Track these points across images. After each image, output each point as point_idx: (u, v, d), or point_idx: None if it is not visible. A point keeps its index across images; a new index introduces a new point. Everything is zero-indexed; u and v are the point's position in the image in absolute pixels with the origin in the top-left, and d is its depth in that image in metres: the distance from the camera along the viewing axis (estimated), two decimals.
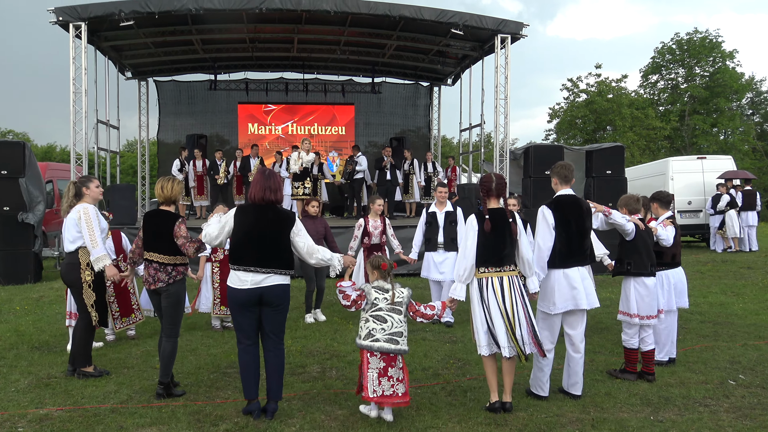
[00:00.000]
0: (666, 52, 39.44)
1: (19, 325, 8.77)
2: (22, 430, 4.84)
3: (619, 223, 5.93)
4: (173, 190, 5.78)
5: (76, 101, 13.47)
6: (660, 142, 38.13)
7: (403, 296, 5.13)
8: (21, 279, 12.27)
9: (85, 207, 6.23)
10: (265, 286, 4.94)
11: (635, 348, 6.07)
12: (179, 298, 5.69)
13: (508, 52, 14.59)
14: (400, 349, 5.00)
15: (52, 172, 17.36)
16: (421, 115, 21.29)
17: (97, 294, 6.33)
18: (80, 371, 6.27)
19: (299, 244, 5.07)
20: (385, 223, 8.99)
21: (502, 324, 5.06)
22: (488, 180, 5.32)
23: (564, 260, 5.44)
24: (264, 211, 5.05)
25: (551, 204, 5.56)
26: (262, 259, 4.96)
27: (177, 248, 5.60)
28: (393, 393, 4.94)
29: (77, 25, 13.19)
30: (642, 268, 6.07)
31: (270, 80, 20.41)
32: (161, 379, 5.62)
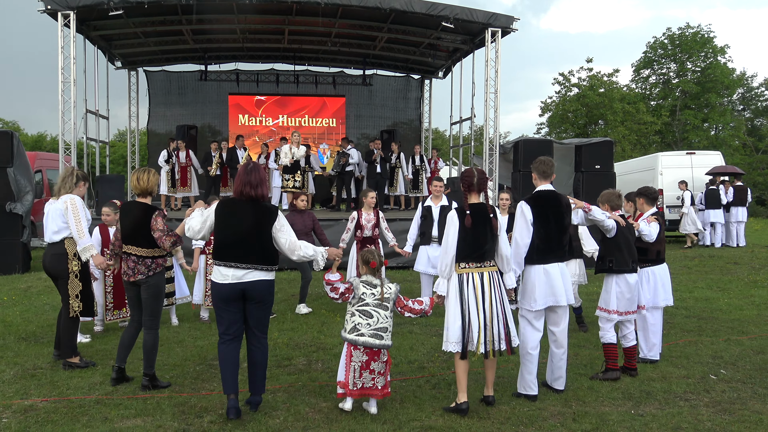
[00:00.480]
0: (658, 47, 39.57)
1: (6, 315, 8.76)
2: (7, 420, 4.84)
3: (599, 219, 5.90)
4: (149, 181, 5.73)
5: (65, 91, 13.40)
6: (651, 137, 38.29)
7: (391, 292, 5.17)
8: (9, 269, 12.25)
9: (72, 198, 6.28)
10: (246, 281, 4.90)
11: (613, 342, 6.04)
12: (159, 289, 5.70)
13: (498, 45, 14.60)
14: (384, 344, 5.06)
15: (41, 161, 17.30)
16: (412, 107, 21.29)
17: (83, 284, 6.37)
18: (66, 362, 6.28)
19: (281, 240, 5.01)
20: (378, 216, 9.01)
21: (477, 320, 5.02)
22: (470, 175, 5.29)
23: (543, 256, 5.44)
24: (245, 207, 5.01)
25: (530, 199, 5.56)
26: (243, 255, 4.92)
27: (155, 241, 5.57)
28: (373, 386, 5.00)
29: (66, 14, 13.10)
30: (623, 264, 6.05)
31: (261, 71, 20.36)
32: (146, 371, 5.63)
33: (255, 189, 5.00)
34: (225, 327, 5.01)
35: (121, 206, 6.00)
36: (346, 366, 5.03)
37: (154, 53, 18.68)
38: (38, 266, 13.08)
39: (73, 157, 13.59)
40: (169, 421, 4.85)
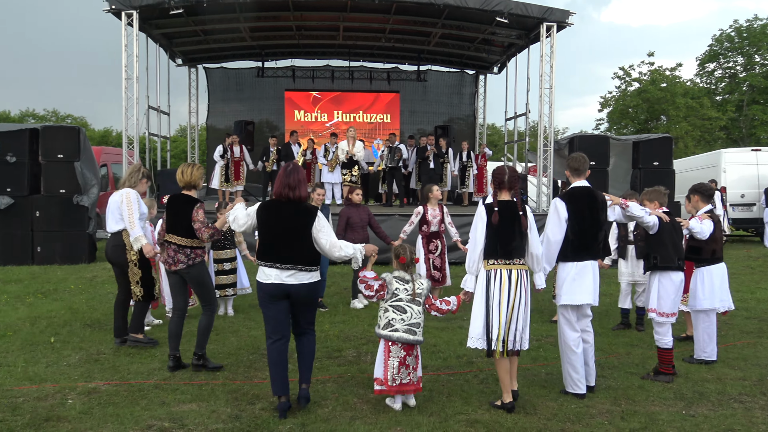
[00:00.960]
0: (724, 40, 38.16)
1: (73, 303, 9.17)
2: (72, 401, 5.11)
3: (638, 216, 5.76)
4: (192, 175, 5.99)
5: (128, 87, 13.88)
6: (716, 133, 37.05)
7: (423, 288, 5.21)
8: (76, 259, 12.76)
9: (127, 191, 6.71)
10: (289, 283, 4.91)
11: (668, 347, 5.84)
12: (202, 278, 6.00)
13: (553, 40, 14.42)
14: (417, 339, 5.10)
15: (106, 156, 17.92)
16: (466, 103, 21.21)
17: (142, 271, 6.79)
18: (132, 337, 6.78)
19: (321, 240, 4.98)
20: (443, 211, 8.97)
21: (498, 318, 5.00)
22: (501, 172, 5.23)
23: (577, 253, 5.39)
24: (284, 208, 5.03)
25: (564, 196, 5.51)
26: (284, 256, 4.93)
27: (194, 232, 5.86)
28: (409, 381, 5.06)
29: (129, 13, 13.56)
30: (668, 261, 5.87)
31: (316, 68, 20.61)
32: (196, 350, 5.98)
33: (293, 190, 4.98)
34: (272, 327, 5.04)
35: (168, 198, 6.24)
36: (385, 363, 5.07)
37: (213, 50, 19.16)
38: (103, 256, 13.58)
39: (136, 151, 14.07)
40: (223, 406, 5.03)
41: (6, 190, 12.71)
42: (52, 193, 12.93)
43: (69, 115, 48.35)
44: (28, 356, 6.42)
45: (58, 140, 13.05)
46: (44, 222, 12.82)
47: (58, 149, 12.99)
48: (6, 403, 5.01)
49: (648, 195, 6.35)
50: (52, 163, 12.99)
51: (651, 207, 6.17)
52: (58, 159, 12.97)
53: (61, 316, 8.30)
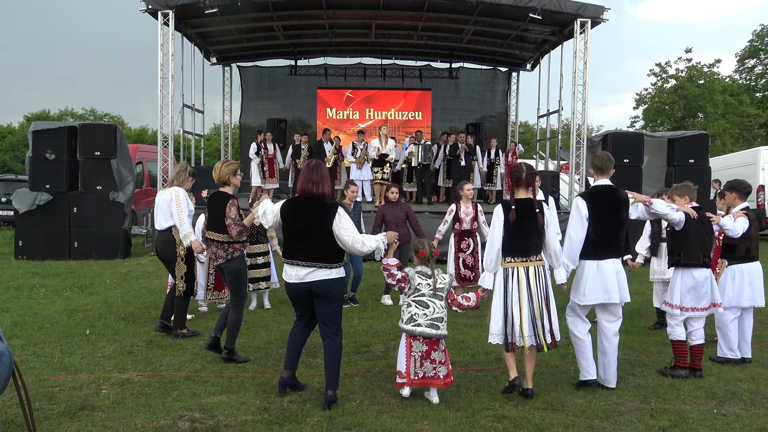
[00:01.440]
0: (765, 35, 37.24)
1: (108, 297, 9.37)
2: (106, 391, 5.23)
3: (663, 213, 5.72)
4: (221, 171, 6.15)
5: (164, 86, 14.12)
6: (755, 131, 36.21)
7: (445, 282, 5.24)
8: (111, 254, 13.02)
9: (176, 190, 6.95)
10: (310, 281, 4.95)
11: (681, 340, 5.82)
12: (239, 273, 6.10)
13: (587, 36, 14.25)
14: (441, 333, 5.14)
15: (141, 153, 18.24)
16: (499, 100, 21.09)
17: (187, 267, 7.05)
18: (176, 332, 7.03)
19: (344, 237, 4.93)
20: (477, 209, 8.90)
21: (519, 315, 5.09)
22: (518, 170, 5.30)
23: (598, 251, 5.39)
24: (306, 204, 5.04)
25: (586, 195, 5.52)
26: (305, 254, 4.96)
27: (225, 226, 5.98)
28: (435, 375, 5.08)
29: (165, 13, 13.79)
30: (692, 258, 5.79)
31: (348, 66, 20.69)
32: (226, 344, 6.10)
33: (316, 186, 5.00)
34: (299, 315, 5.29)
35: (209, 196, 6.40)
36: (407, 356, 5.12)
37: (246, 49, 19.37)
38: (138, 252, 13.89)
39: (170, 149, 14.31)
40: (252, 398, 5.10)
41: (45, 186, 13.03)
42: (89, 190, 13.22)
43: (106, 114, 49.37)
44: (65, 347, 6.59)
45: (95, 138, 13.34)
46: (81, 218, 13.12)
47: (96, 147, 13.28)
48: (43, 392, 5.16)
49: (678, 190, 6.24)
50: (90, 161, 13.28)
51: (681, 202, 6.07)
52: (95, 156, 13.25)
53: (97, 309, 8.49)
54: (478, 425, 4.63)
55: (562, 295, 5.66)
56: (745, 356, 6.39)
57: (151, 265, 11.97)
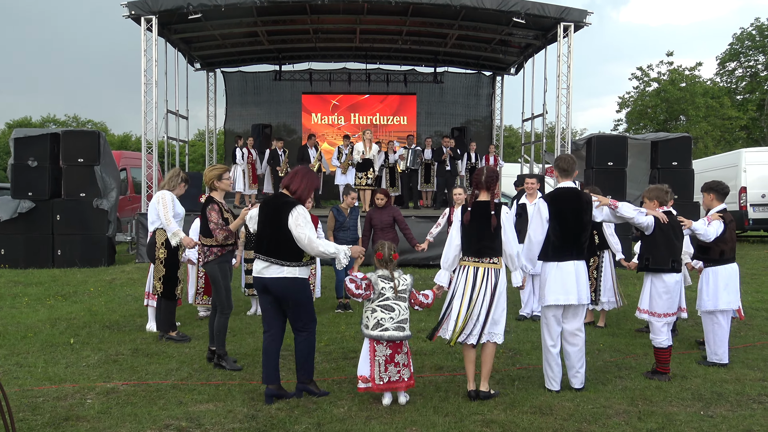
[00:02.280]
0: (745, 38, 37.66)
1: (93, 305, 9.27)
2: (91, 401, 5.17)
3: (629, 216, 5.71)
4: (207, 176, 6.33)
5: (147, 92, 14.04)
6: (736, 133, 36.60)
7: (407, 284, 5.28)
8: (95, 262, 12.90)
9: (163, 193, 7.07)
10: (266, 277, 5.08)
11: (663, 347, 5.81)
12: (213, 277, 6.14)
13: (571, 40, 14.35)
14: (407, 335, 5.20)
15: (125, 160, 18.11)
16: (483, 105, 21.17)
17: (167, 270, 7.12)
18: (165, 335, 7.12)
19: (299, 235, 4.96)
20: None
21: (457, 310, 5.21)
22: (479, 173, 5.38)
23: (558, 253, 5.43)
24: (271, 201, 5.27)
25: (548, 197, 5.56)
26: (262, 247, 5.15)
27: (210, 230, 6.06)
28: (399, 378, 5.10)
29: (148, 19, 13.72)
30: (661, 263, 5.79)
31: (333, 70, 20.69)
32: (216, 349, 6.14)
33: (289, 184, 5.21)
34: (265, 320, 5.33)
35: None
36: (371, 361, 5.12)
37: (230, 54, 19.30)
38: (122, 259, 13.77)
39: (155, 155, 14.21)
40: (239, 406, 5.06)
41: (27, 194, 12.88)
42: (73, 197, 13.10)
43: (90, 120, 48.97)
44: (48, 357, 6.51)
45: (78, 145, 13.22)
46: (64, 225, 12.97)
47: (79, 154, 13.16)
48: (26, 403, 5.09)
49: (648, 193, 6.19)
50: (73, 168, 13.16)
51: (650, 206, 6.06)
52: (78, 163, 13.13)
53: (81, 317, 8.40)
54: (467, 430, 4.62)
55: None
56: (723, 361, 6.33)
57: (136, 272, 11.88)
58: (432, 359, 6.45)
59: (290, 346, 6.87)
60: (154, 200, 7.13)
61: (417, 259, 12.30)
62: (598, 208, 5.72)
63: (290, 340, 5.40)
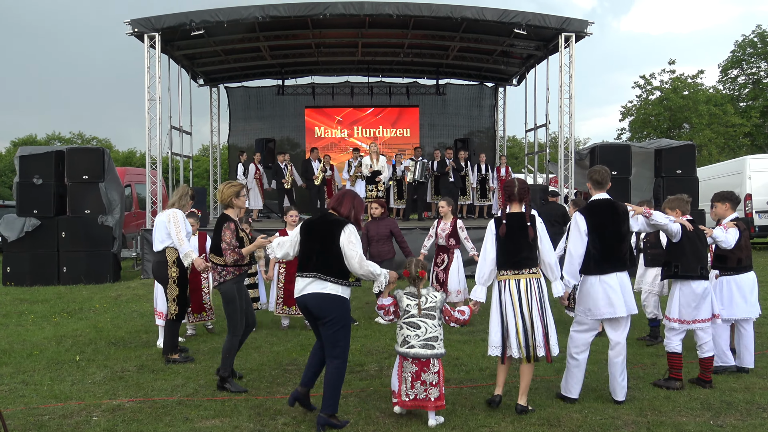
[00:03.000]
0: (747, 46, 37.67)
1: (98, 321, 9.27)
2: (97, 418, 5.16)
3: (662, 224, 5.74)
4: (223, 193, 6.06)
5: (151, 108, 14.09)
6: (740, 140, 36.53)
7: (436, 301, 5.17)
8: (100, 278, 12.91)
9: (174, 211, 6.95)
10: (306, 293, 4.95)
11: (676, 352, 5.84)
12: (229, 297, 5.90)
13: (572, 50, 14.37)
14: (436, 353, 5.07)
15: (130, 176, 18.18)
16: (486, 116, 21.20)
17: (179, 289, 6.99)
18: (168, 358, 6.89)
19: (350, 252, 4.92)
20: (455, 225, 8.94)
21: (514, 326, 5.15)
22: (511, 185, 5.39)
23: (600, 266, 5.39)
24: (322, 221, 5.13)
25: (584, 210, 5.52)
26: (308, 265, 5.00)
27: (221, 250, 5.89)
28: (426, 397, 5.00)
29: (151, 36, 13.80)
30: (689, 270, 5.81)
31: (336, 84, 20.77)
32: (219, 371, 5.93)
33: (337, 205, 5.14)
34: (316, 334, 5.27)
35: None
36: (399, 377, 5.11)
37: (233, 70, 19.41)
38: (128, 275, 13.78)
39: (159, 171, 14.26)
40: (245, 422, 5.04)
41: (33, 211, 12.93)
42: (78, 214, 13.14)
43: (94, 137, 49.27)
44: (54, 374, 6.50)
45: (83, 162, 13.28)
46: (70, 242, 13.01)
47: (83, 171, 13.22)
48: (32, 421, 5.07)
49: (670, 203, 6.28)
50: (77, 185, 13.21)
51: (672, 216, 6.09)
52: (83, 180, 13.19)
53: (87, 334, 8.39)
54: None
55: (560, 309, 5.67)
56: (746, 365, 6.35)
57: (141, 288, 11.88)
58: None
59: (297, 360, 6.90)
60: (164, 219, 6.98)
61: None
62: (633, 217, 5.71)
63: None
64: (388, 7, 13.54)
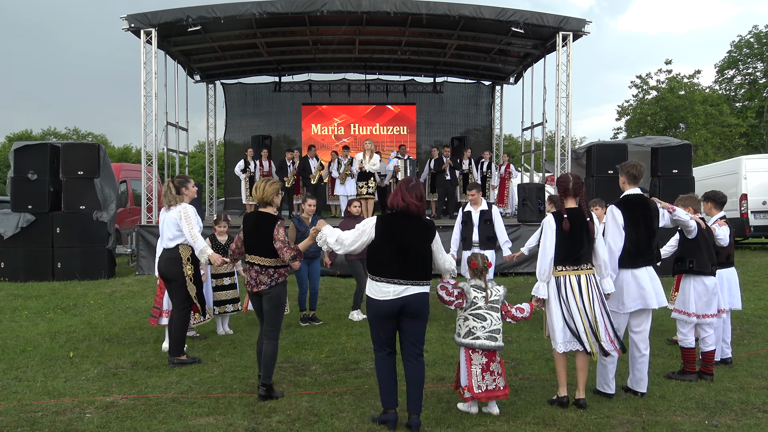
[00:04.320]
0: (744, 46, 37.78)
1: (92, 318, 9.23)
2: (90, 416, 5.13)
3: (683, 220, 5.89)
4: (264, 191, 5.64)
5: (147, 104, 14.04)
6: (736, 140, 36.63)
7: (500, 294, 5.29)
8: (95, 275, 12.86)
9: (185, 207, 6.68)
10: (406, 295, 4.80)
11: (692, 347, 6.02)
12: (280, 300, 5.64)
13: (569, 49, 14.36)
14: (499, 345, 5.19)
15: (126, 172, 18.10)
16: (483, 114, 21.18)
17: (197, 287, 6.78)
18: (175, 359, 6.67)
19: (439, 256, 4.98)
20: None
21: (581, 321, 5.15)
22: (565, 180, 5.38)
23: (633, 260, 5.47)
24: (408, 221, 4.91)
25: (620, 204, 5.57)
26: (405, 271, 4.81)
27: (276, 251, 5.52)
28: (495, 387, 5.11)
29: (148, 32, 13.75)
30: (703, 266, 6.01)
31: (332, 81, 20.74)
32: (263, 380, 5.57)
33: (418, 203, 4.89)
34: (384, 342, 4.95)
35: (244, 216, 6.12)
36: (468, 371, 5.14)
37: (230, 66, 19.34)
38: (122, 271, 13.73)
39: (155, 167, 14.20)
40: (240, 419, 5.02)
41: (27, 207, 12.87)
42: (73, 210, 13.07)
43: (90, 133, 49.09)
44: (47, 371, 6.47)
45: (78, 157, 13.21)
46: (64, 238, 12.95)
47: (78, 166, 13.15)
48: (25, 418, 5.04)
49: (683, 201, 6.44)
50: (73, 180, 13.14)
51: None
52: (78, 176, 13.12)
53: (81, 331, 8.36)
54: None
55: None
56: (725, 357, 6.58)
57: (136, 284, 11.85)
58: (433, 370, 6.40)
59: (291, 357, 6.89)
60: (175, 215, 6.63)
61: None
62: (660, 213, 5.80)
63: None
64: (385, 5, 13.50)
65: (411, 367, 4.89)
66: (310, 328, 8.46)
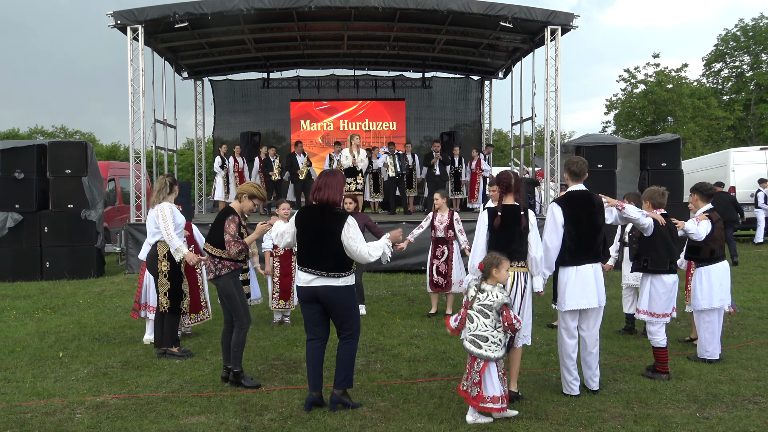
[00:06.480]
0: (730, 39, 37.99)
1: (82, 317, 9.17)
2: (80, 416, 5.09)
3: (634, 218, 5.76)
4: (244, 187, 6.12)
5: (135, 101, 13.94)
6: (723, 133, 36.85)
7: (494, 301, 4.86)
8: (84, 274, 12.77)
9: (161, 206, 6.77)
10: (315, 285, 5.05)
11: (663, 347, 5.90)
12: (227, 291, 5.86)
13: (558, 44, 14.38)
14: (481, 354, 4.83)
15: (114, 170, 17.98)
16: (472, 109, 21.16)
17: (171, 283, 6.88)
18: (166, 351, 6.83)
19: (352, 247, 5.00)
20: (452, 218, 8.98)
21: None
22: (507, 177, 5.37)
23: (575, 257, 5.40)
24: (318, 212, 5.15)
25: (560, 200, 5.53)
26: (311, 260, 5.06)
27: (223, 242, 5.78)
28: (466, 390, 4.91)
29: (134, 28, 13.63)
30: (659, 265, 5.89)
31: (321, 77, 20.65)
32: (232, 367, 5.85)
33: (325, 192, 5.10)
34: (308, 327, 5.29)
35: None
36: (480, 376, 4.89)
37: (218, 63, 19.22)
38: (112, 270, 13.65)
39: (143, 165, 14.12)
40: (231, 418, 5.00)
41: (14, 206, 12.76)
42: (60, 209, 12.97)
43: (77, 131, 48.68)
44: (37, 371, 6.41)
45: (65, 156, 13.11)
46: (52, 237, 12.86)
47: (66, 165, 13.05)
48: (14, 419, 5.00)
49: (644, 195, 6.31)
50: (60, 179, 13.05)
51: (644, 208, 6.15)
52: (65, 174, 13.02)
53: (70, 330, 8.30)
54: None
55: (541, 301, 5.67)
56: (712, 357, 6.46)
57: (126, 283, 11.78)
58: (425, 366, 6.41)
59: (283, 355, 6.87)
60: (153, 213, 6.86)
61: (409, 264, 12.34)
62: (608, 209, 5.74)
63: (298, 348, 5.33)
64: (373, 0, 13.45)
65: (339, 348, 5.22)
66: (301, 325, 8.41)
